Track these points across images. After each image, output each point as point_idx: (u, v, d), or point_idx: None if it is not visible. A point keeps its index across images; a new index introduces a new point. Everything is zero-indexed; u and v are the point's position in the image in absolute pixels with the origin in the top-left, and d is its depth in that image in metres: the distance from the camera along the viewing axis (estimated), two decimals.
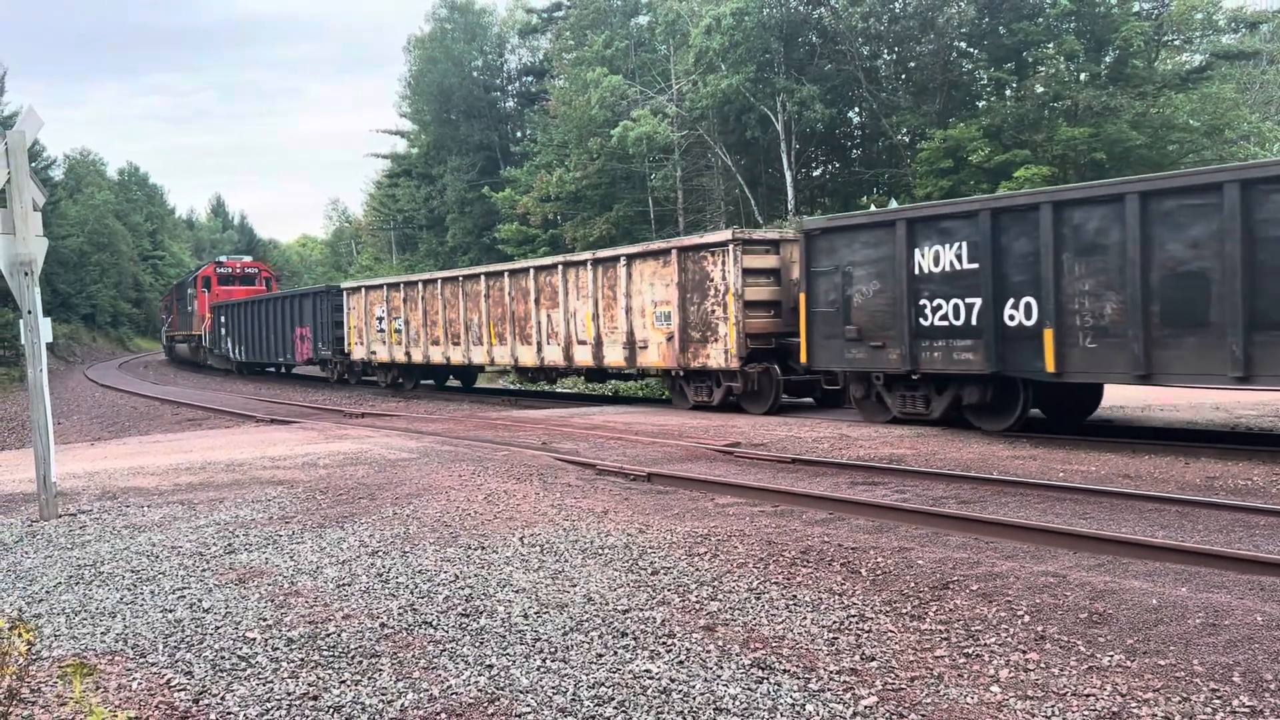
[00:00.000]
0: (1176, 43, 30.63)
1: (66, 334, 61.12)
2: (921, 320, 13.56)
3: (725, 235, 16.90)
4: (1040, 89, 28.56)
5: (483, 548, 6.95)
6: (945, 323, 13.31)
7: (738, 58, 31.33)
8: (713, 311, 16.84)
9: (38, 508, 8.66)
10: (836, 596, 5.66)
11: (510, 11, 54.55)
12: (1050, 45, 28.39)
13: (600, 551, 6.77)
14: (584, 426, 15.20)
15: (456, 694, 4.38)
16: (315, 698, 4.37)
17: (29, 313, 8.56)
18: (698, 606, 5.51)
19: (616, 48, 36.84)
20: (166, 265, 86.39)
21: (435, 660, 4.77)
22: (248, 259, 52.67)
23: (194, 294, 46.69)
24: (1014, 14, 29.18)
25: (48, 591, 6.19)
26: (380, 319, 28.04)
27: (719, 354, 16.75)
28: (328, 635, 5.15)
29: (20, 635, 4.40)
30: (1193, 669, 4.43)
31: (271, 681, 4.56)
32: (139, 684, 4.58)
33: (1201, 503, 8.06)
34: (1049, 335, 12.09)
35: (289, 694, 4.41)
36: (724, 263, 16.61)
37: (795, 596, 5.67)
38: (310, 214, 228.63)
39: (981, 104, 31.15)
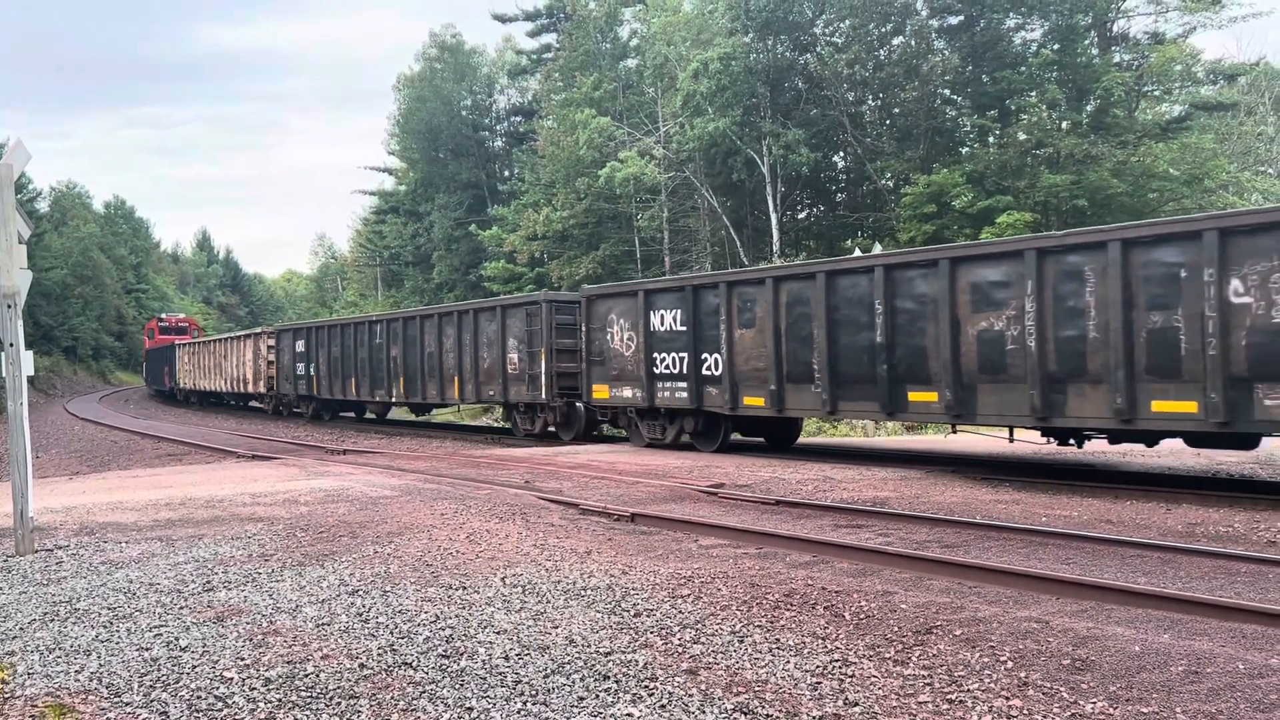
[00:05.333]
0: (1156, 93, 31.20)
1: (47, 367, 60.74)
2: (290, 371, 33.57)
3: (260, 330, 37.91)
4: (1023, 136, 28.98)
5: (464, 588, 6.89)
6: (303, 373, 32.04)
7: (724, 101, 31.72)
8: (258, 366, 35.61)
9: (14, 542, 8.55)
10: (820, 640, 5.63)
11: (500, 52, 55.16)
12: (1033, 94, 28.86)
13: (583, 592, 6.72)
14: (568, 465, 15.16)
15: None
16: None
17: (11, 345, 8.50)
18: (680, 649, 5.47)
19: (605, 89, 37.23)
20: (150, 299, 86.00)
21: (414, 702, 4.72)
22: (182, 315, 70.90)
23: (142, 340, 65.88)
24: (997, 63, 29.68)
25: (21, 629, 6.10)
26: (186, 362, 47.08)
27: (262, 386, 35.71)
28: (306, 675, 5.08)
29: None
30: (1175, 717, 4.43)
31: None
32: None
33: (1183, 549, 8.07)
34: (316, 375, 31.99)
35: None
36: (259, 344, 35.69)
37: (778, 640, 5.64)
38: (297, 248, 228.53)
39: (965, 150, 31.57)
